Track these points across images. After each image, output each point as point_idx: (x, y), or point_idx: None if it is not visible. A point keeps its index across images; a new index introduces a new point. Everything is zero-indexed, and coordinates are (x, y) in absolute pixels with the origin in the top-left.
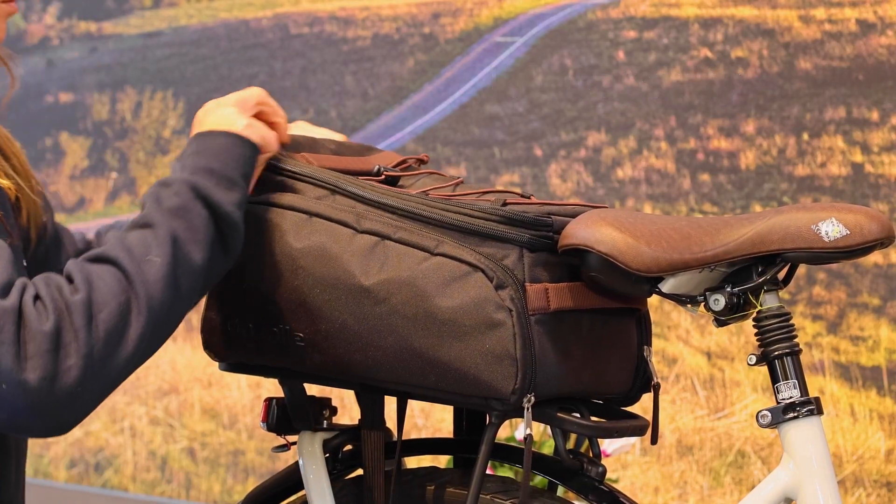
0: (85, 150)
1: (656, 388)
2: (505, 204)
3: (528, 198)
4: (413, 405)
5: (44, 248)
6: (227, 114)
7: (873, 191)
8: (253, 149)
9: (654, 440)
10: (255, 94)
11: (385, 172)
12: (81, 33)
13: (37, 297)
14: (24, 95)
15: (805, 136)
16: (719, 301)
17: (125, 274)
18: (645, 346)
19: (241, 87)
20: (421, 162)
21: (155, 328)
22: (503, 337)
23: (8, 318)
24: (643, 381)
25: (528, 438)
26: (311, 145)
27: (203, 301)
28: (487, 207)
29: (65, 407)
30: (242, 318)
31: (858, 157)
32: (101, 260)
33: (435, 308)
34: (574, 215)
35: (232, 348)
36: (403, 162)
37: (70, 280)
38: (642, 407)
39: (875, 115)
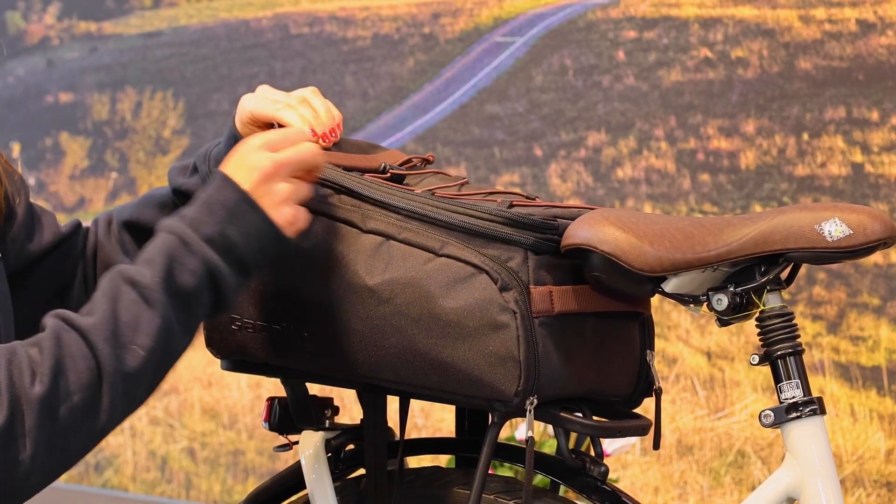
0: (85, 150)
1: (658, 393)
2: (511, 206)
3: (534, 199)
4: (414, 405)
5: (14, 228)
6: (282, 198)
7: (873, 191)
8: (279, 239)
9: (656, 445)
10: (305, 150)
11: (391, 170)
12: (81, 33)
13: None
14: (24, 95)
15: (805, 136)
16: (722, 301)
17: (100, 365)
18: (648, 351)
19: (241, 87)
20: (426, 161)
21: (119, 416)
22: (507, 339)
23: None
24: (645, 385)
25: (530, 441)
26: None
27: None
28: (493, 209)
29: (15, 491)
30: (245, 316)
31: (858, 157)
32: (82, 333)
33: (439, 309)
34: None
35: (234, 346)
36: (409, 161)
37: (40, 350)
38: (642, 408)
39: (875, 115)
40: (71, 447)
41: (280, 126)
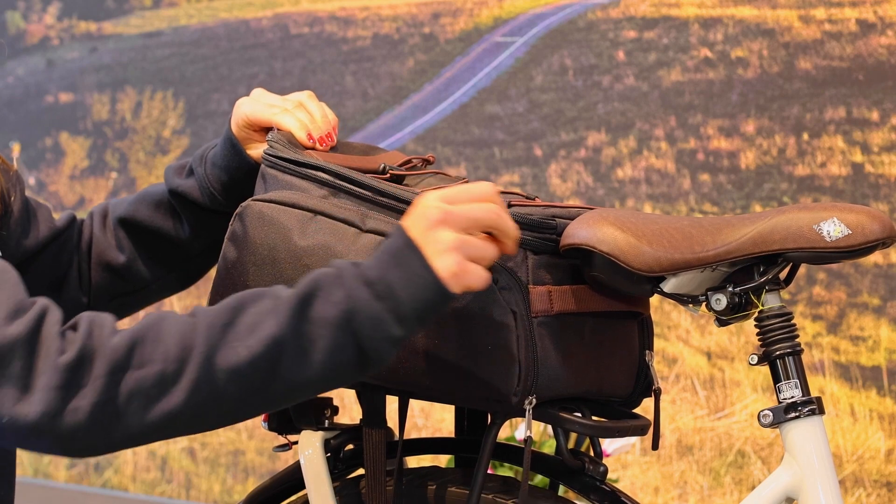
0: (85, 150)
1: (657, 394)
2: (510, 205)
3: (533, 199)
4: (413, 405)
5: (10, 224)
6: (445, 246)
7: (873, 191)
8: (439, 289)
9: (655, 446)
10: (482, 207)
11: (391, 171)
12: (81, 33)
13: (73, 327)
14: (24, 95)
15: (805, 136)
16: (721, 301)
17: (192, 347)
18: (647, 351)
19: (241, 87)
20: (427, 162)
21: (193, 415)
22: (506, 338)
23: (17, 348)
24: (644, 385)
25: (528, 440)
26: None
27: (206, 297)
28: None
29: (68, 442)
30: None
31: (858, 157)
32: (190, 314)
33: None
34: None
35: None
36: (409, 162)
37: (136, 321)
38: (641, 408)
39: (875, 115)
40: (127, 418)
41: (278, 129)
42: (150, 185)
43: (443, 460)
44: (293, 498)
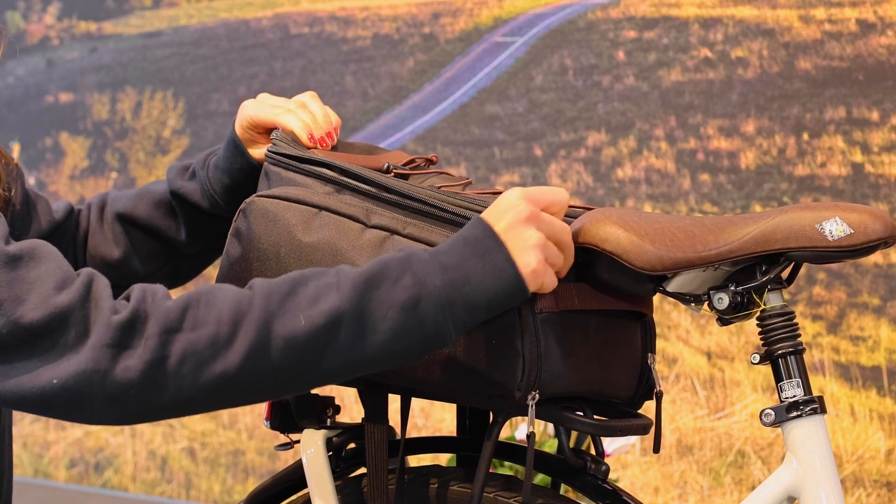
0: (85, 150)
1: (659, 397)
2: None
3: None
4: (414, 404)
5: (11, 219)
6: (530, 243)
7: (873, 191)
8: (519, 284)
9: (656, 449)
10: (567, 230)
11: (394, 170)
12: (81, 33)
13: (126, 297)
14: (24, 95)
15: (805, 136)
16: (723, 300)
17: (250, 310)
18: (649, 354)
19: (241, 87)
20: (430, 162)
21: (247, 381)
22: (510, 333)
23: (70, 315)
24: (646, 388)
25: (531, 436)
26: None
27: None
28: None
29: (119, 403)
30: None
31: (858, 157)
32: (249, 286)
33: None
34: None
35: None
36: (412, 161)
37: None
38: (642, 410)
39: (875, 115)
40: (180, 380)
41: (282, 129)
42: (152, 182)
43: (444, 459)
44: (295, 497)
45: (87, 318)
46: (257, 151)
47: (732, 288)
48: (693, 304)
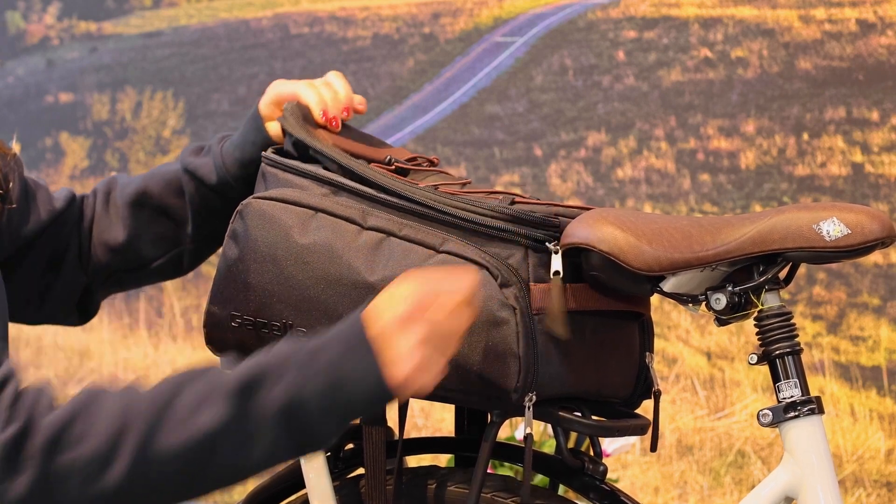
0: (85, 150)
1: (657, 396)
2: (513, 203)
3: (537, 200)
4: (413, 405)
5: (8, 213)
6: (404, 347)
7: (873, 191)
8: (391, 401)
9: (653, 447)
10: (463, 322)
11: (396, 164)
12: (81, 33)
13: (16, 398)
14: (24, 95)
15: (805, 136)
16: (720, 300)
17: (126, 427)
18: (647, 353)
19: (241, 87)
20: (431, 163)
21: (135, 495)
22: (507, 335)
23: None
24: (644, 387)
25: (529, 438)
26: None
27: (206, 297)
28: (495, 205)
29: None
30: (245, 313)
31: (858, 157)
32: (123, 391)
33: None
34: None
35: (234, 343)
36: (414, 159)
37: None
38: (641, 409)
39: (875, 115)
40: (67, 495)
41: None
42: (163, 164)
43: (442, 460)
44: (293, 497)
45: None
46: (275, 128)
47: (730, 288)
48: (690, 305)
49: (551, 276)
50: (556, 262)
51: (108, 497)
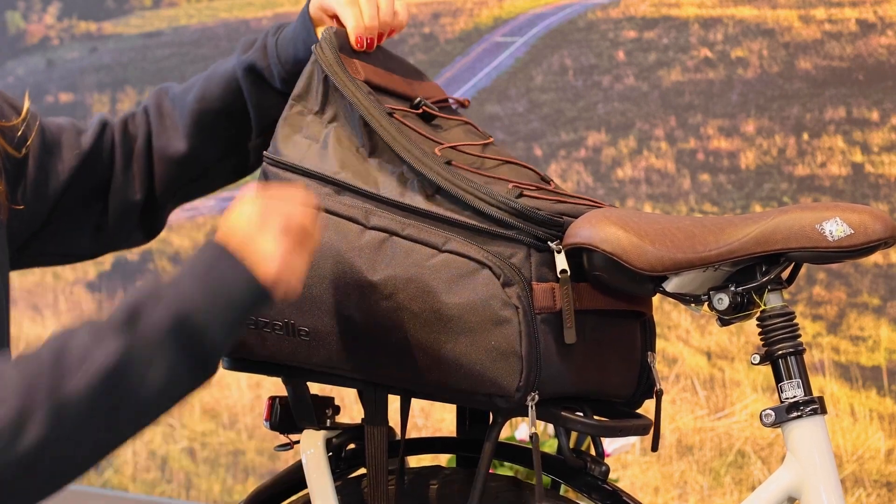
0: None
1: (658, 395)
2: (520, 195)
3: (549, 183)
4: (414, 405)
5: (26, 171)
6: (266, 248)
7: (873, 191)
8: (261, 294)
9: (654, 447)
10: (301, 226)
11: (424, 107)
12: (81, 33)
13: None
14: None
15: (805, 136)
16: (723, 300)
17: (35, 386)
18: (649, 353)
19: None
20: (461, 105)
21: (55, 452)
22: (509, 334)
23: None
24: (646, 387)
25: (535, 437)
26: (367, 52)
27: None
28: (501, 197)
29: None
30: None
31: (858, 157)
32: (17, 359)
33: (442, 304)
34: None
35: (235, 344)
36: (445, 101)
37: None
38: (642, 408)
39: (875, 115)
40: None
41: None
42: (217, 63)
43: (444, 460)
44: (294, 497)
45: None
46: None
47: (732, 288)
48: (693, 305)
49: (558, 274)
50: (562, 262)
51: (28, 460)
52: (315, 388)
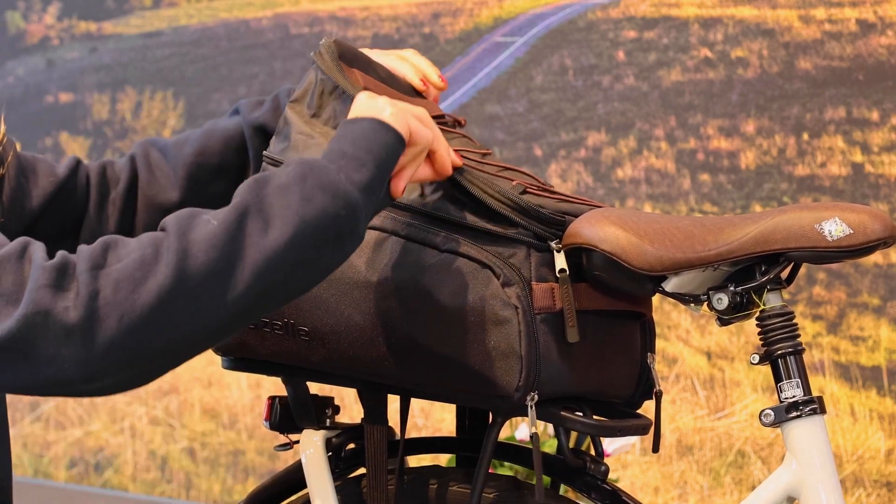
0: (85, 150)
1: (658, 396)
2: (524, 191)
3: (550, 187)
4: (414, 405)
5: (2, 189)
6: (378, 104)
7: (873, 191)
8: (396, 136)
9: (655, 448)
10: (417, 110)
11: None
12: (81, 33)
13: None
14: (24, 95)
15: (805, 136)
16: (722, 300)
17: (164, 233)
18: (648, 353)
19: (241, 87)
20: (458, 124)
21: (185, 291)
22: (509, 334)
23: (4, 265)
24: (645, 387)
25: (535, 437)
26: (365, 64)
27: None
28: (506, 190)
29: (64, 348)
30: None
31: (858, 157)
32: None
33: (441, 304)
34: None
35: (235, 343)
36: (441, 117)
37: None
38: (642, 409)
39: (875, 115)
40: (120, 304)
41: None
42: (212, 122)
43: (444, 460)
44: (294, 497)
45: (22, 268)
46: None
47: (732, 288)
48: (692, 305)
49: (557, 273)
50: (560, 261)
51: (161, 297)
52: (315, 388)
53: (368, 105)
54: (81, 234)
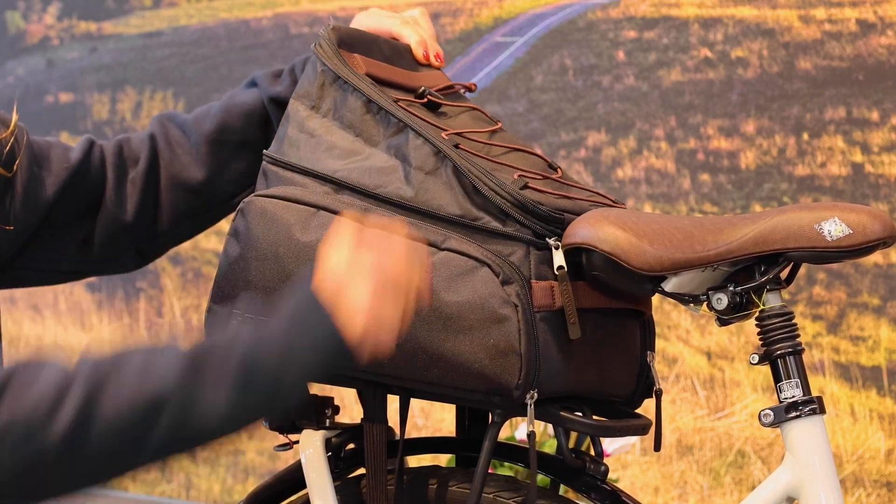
0: None
1: (658, 395)
2: (525, 186)
3: (556, 171)
4: (414, 405)
5: (15, 185)
6: (357, 301)
7: (873, 191)
8: (349, 359)
9: (657, 447)
10: (412, 281)
11: (429, 96)
12: (81, 33)
13: None
14: (24, 95)
15: (805, 136)
16: (722, 300)
17: (74, 384)
18: (648, 352)
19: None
20: (468, 90)
21: (64, 464)
22: (508, 332)
23: None
24: (645, 386)
25: (532, 435)
26: (367, 46)
27: (208, 294)
28: (505, 186)
29: None
30: (246, 311)
31: (858, 157)
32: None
33: (441, 302)
34: None
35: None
36: (451, 87)
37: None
38: (642, 408)
39: (875, 115)
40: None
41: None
42: (231, 93)
43: (443, 460)
44: (294, 497)
45: None
46: None
47: (731, 288)
48: (692, 305)
49: (555, 271)
50: (559, 258)
51: (36, 462)
52: (315, 388)
53: (333, 282)
54: (99, 215)
